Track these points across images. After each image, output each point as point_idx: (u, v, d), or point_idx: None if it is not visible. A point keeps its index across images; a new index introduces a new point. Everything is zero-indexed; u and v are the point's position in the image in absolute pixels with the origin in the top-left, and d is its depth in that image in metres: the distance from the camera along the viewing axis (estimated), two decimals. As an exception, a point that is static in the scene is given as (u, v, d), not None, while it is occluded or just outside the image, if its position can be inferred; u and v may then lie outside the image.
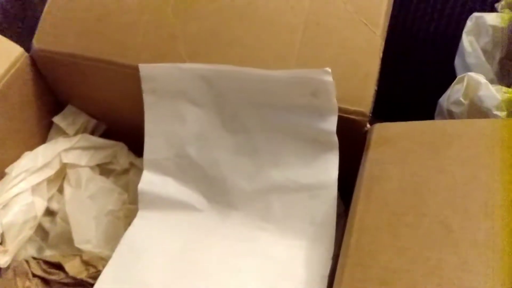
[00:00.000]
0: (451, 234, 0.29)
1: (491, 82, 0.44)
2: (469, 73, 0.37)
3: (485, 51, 0.46)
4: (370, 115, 0.38)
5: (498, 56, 0.47)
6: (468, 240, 0.28)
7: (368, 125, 0.38)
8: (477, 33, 0.46)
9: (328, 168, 0.36)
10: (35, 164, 0.42)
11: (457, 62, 0.46)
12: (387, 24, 0.39)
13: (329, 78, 0.35)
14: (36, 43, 0.42)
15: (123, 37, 0.41)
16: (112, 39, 0.41)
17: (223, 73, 0.38)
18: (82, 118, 0.47)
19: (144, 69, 0.39)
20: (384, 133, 0.36)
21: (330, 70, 0.35)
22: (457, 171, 0.31)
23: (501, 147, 0.31)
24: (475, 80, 0.37)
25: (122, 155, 0.47)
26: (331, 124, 0.36)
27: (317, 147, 0.37)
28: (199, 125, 0.39)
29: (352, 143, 0.38)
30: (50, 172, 0.43)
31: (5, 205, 0.40)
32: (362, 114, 0.38)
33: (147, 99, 0.40)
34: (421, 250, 0.29)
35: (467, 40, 0.46)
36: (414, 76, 0.57)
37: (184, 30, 0.41)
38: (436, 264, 0.28)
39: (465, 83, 0.38)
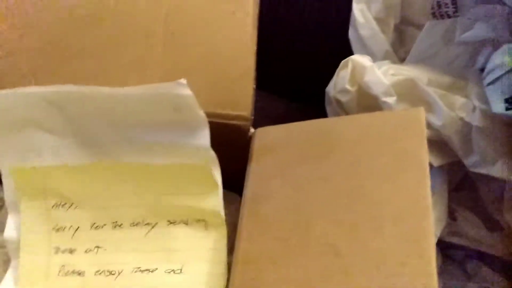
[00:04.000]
0: (339, 259, 0.25)
1: (387, 55, 0.41)
2: (353, 57, 0.34)
3: (378, 20, 0.42)
4: (252, 117, 0.34)
5: (392, 23, 0.43)
6: (357, 266, 0.25)
7: (252, 129, 0.34)
8: (367, 0, 0.42)
9: None
10: None
11: (351, 34, 0.42)
12: (257, 8, 0.34)
13: (187, 91, 0.30)
14: None
15: None
16: None
17: (71, 95, 0.32)
18: None
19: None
20: (266, 140, 0.31)
21: (185, 81, 0.30)
22: (340, 180, 0.27)
23: (388, 148, 0.27)
24: (360, 64, 0.33)
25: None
26: (203, 138, 0.31)
27: (194, 166, 0.32)
28: (57, 155, 0.33)
29: (239, 149, 0.34)
30: None
31: None
32: (243, 118, 0.33)
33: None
34: (309, 282, 0.25)
35: (358, 9, 0.42)
36: (308, 57, 0.53)
37: (24, 44, 0.34)
38: (325, 298, 0.25)
39: (349, 69, 0.34)
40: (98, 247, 0.33)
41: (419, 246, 0.24)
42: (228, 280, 0.29)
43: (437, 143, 0.32)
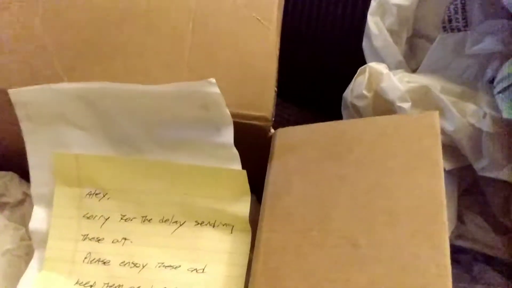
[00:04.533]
0: (357, 251, 0.27)
1: (399, 65, 0.43)
2: (370, 64, 0.35)
3: (391, 32, 0.44)
4: (273, 119, 0.35)
5: (405, 35, 0.45)
6: (375, 257, 0.26)
7: (272, 130, 0.36)
8: (382, 13, 0.44)
9: None
10: None
11: (365, 45, 0.44)
12: (281, 16, 0.36)
13: (215, 90, 0.32)
14: None
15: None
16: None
17: (103, 91, 0.33)
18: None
19: (15, 94, 0.34)
20: (287, 140, 0.33)
21: (214, 80, 0.31)
22: (358, 178, 0.29)
23: (404, 148, 0.29)
24: (377, 71, 0.35)
25: (13, 186, 0.42)
26: (228, 136, 0.33)
27: (218, 162, 0.34)
28: (86, 151, 0.35)
29: (258, 150, 0.36)
30: None
31: None
32: (264, 119, 0.35)
33: (24, 127, 0.35)
34: (327, 272, 0.27)
35: (372, 21, 0.44)
36: (324, 64, 0.55)
37: (57, 42, 0.36)
38: (343, 286, 0.26)
39: (367, 75, 0.36)
40: (125, 238, 0.34)
41: (433, 238, 0.26)
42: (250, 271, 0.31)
43: (448, 147, 0.34)
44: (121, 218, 0.35)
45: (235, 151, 0.33)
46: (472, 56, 0.39)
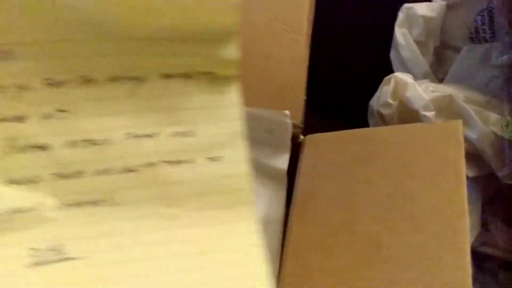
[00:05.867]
0: (381, 253, 0.28)
1: (426, 75, 0.44)
2: (396, 74, 0.37)
3: (418, 43, 0.45)
4: (303, 126, 0.37)
5: (432, 46, 0.46)
6: (397, 258, 0.28)
7: (301, 136, 0.37)
8: (409, 25, 0.46)
9: (273, 203, 0.34)
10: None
11: (392, 55, 0.46)
12: (310, 28, 0.38)
13: (287, 120, 0.34)
14: None
15: None
16: None
17: None
18: None
19: None
20: (316, 146, 0.35)
21: (288, 112, 0.34)
22: (383, 183, 0.30)
23: (428, 155, 0.31)
24: (402, 81, 0.37)
25: None
26: (283, 162, 0.34)
27: (266, 183, 0.34)
28: None
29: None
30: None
31: None
32: (295, 126, 0.37)
33: None
34: (353, 271, 0.28)
35: (400, 33, 0.45)
36: (349, 74, 0.57)
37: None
38: (367, 285, 0.28)
39: (392, 84, 0.37)
40: (61, 110, 0.24)
41: (455, 242, 0.27)
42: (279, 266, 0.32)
43: (472, 155, 0.35)
44: (47, 83, 0.24)
45: (285, 177, 0.34)
46: (498, 66, 0.40)
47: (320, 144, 0.35)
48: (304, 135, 0.38)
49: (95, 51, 0.24)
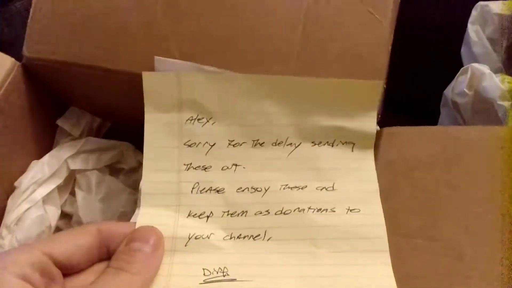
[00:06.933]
0: (462, 263, 0.27)
1: (498, 71, 0.42)
2: (473, 64, 0.36)
3: (491, 40, 0.44)
4: (380, 115, 0.35)
5: (505, 44, 0.44)
6: (480, 271, 0.27)
7: (377, 127, 0.36)
8: (482, 22, 0.44)
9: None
10: (43, 175, 0.42)
11: (464, 51, 0.45)
12: (396, 13, 0.35)
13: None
14: (27, 52, 0.40)
15: (113, 41, 0.38)
16: (102, 44, 0.39)
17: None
18: (86, 118, 0.46)
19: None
20: (392, 140, 0.33)
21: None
22: (470, 189, 0.29)
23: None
24: (479, 71, 0.36)
25: (129, 155, 0.46)
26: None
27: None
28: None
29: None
30: (58, 181, 0.43)
31: (19, 220, 0.41)
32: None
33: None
34: (426, 279, 0.28)
35: (472, 30, 0.44)
36: (420, 67, 0.54)
37: (176, 30, 0.38)
38: (443, 296, 0.27)
39: (469, 74, 0.37)
40: (236, 164, 0.32)
41: (546, 262, 0.25)
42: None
43: None
44: (229, 144, 0.32)
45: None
46: None
47: (398, 138, 0.33)
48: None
49: (267, 123, 0.33)
